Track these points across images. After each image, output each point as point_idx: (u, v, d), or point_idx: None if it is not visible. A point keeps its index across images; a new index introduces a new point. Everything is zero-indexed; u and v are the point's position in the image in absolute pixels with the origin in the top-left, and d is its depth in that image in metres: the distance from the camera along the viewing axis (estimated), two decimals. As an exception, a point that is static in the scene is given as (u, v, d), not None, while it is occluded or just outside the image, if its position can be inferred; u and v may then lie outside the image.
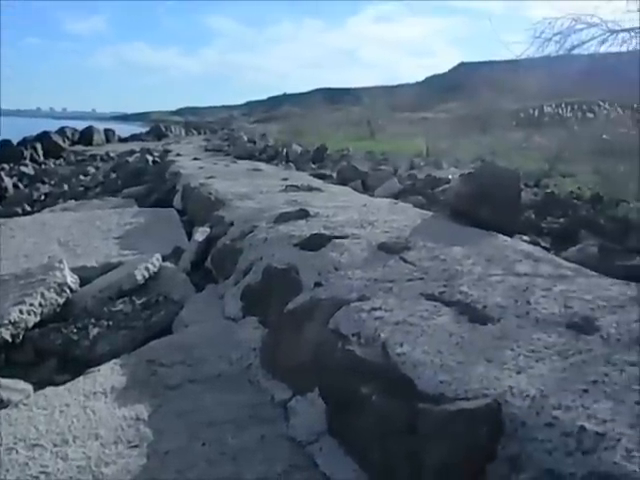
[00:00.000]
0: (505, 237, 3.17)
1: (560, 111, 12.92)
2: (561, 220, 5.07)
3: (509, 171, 4.28)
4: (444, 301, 2.12)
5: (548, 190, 6.56)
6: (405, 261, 2.64)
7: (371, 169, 8.55)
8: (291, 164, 9.64)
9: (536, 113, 14.00)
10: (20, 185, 11.87)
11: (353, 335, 1.93)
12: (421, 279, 2.38)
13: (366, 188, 7.07)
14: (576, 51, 6.47)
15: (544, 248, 3.42)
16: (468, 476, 1.38)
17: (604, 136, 7.21)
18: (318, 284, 2.47)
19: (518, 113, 15.61)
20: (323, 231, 3.13)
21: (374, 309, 2.05)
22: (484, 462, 1.38)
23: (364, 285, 2.34)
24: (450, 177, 7.23)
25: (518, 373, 1.55)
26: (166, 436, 1.91)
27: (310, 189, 5.50)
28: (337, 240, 2.94)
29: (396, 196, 5.97)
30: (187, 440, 1.89)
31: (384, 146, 14.17)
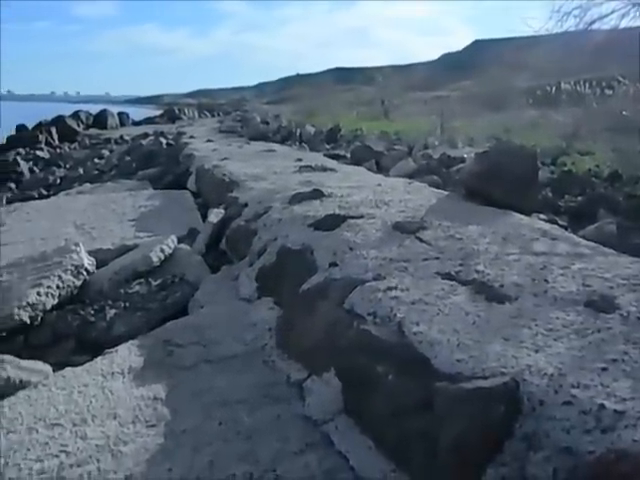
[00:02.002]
0: (521, 216, 3.13)
1: (578, 88, 12.66)
2: (578, 198, 5.00)
3: (525, 149, 4.22)
4: (460, 280, 2.10)
5: (565, 168, 6.47)
6: (421, 240, 2.62)
7: (385, 149, 8.49)
8: (305, 145, 9.60)
9: (553, 90, 13.74)
10: (36, 169, 11.94)
11: (369, 315, 1.92)
12: (437, 258, 2.36)
13: (380, 168, 7.03)
14: (596, 25, 6.31)
15: (561, 226, 3.38)
16: (484, 454, 1.38)
17: (624, 112, 7.07)
18: (333, 264, 2.46)
19: (534, 90, 15.35)
20: (338, 211, 3.11)
21: (390, 289, 2.04)
22: (501, 440, 1.37)
23: (379, 265, 2.32)
24: (465, 156, 7.16)
25: (536, 352, 1.54)
26: (182, 415, 1.93)
27: (324, 169, 5.46)
28: (352, 220, 2.92)
29: (410, 176, 5.92)
30: (203, 419, 1.91)
31: (398, 126, 14.04)
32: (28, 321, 2.94)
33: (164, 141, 10.83)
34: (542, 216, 4.07)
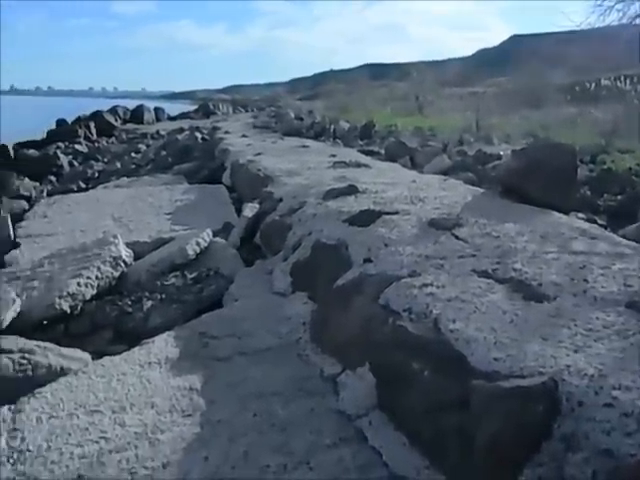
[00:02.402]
0: (559, 214, 3.07)
1: (618, 84, 12.34)
2: (618, 197, 4.89)
3: (564, 146, 4.12)
4: (497, 278, 2.07)
5: (604, 166, 6.32)
6: (456, 238, 2.60)
7: (419, 145, 8.43)
8: (338, 141, 9.59)
9: (592, 87, 13.43)
10: (75, 163, 12.19)
11: (404, 311, 1.92)
12: (473, 256, 2.34)
13: (414, 164, 6.98)
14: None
15: (600, 226, 3.31)
16: (521, 454, 1.36)
17: (667, 109, 6.87)
18: (368, 260, 2.46)
19: (573, 87, 15.02)
20: (372, 207, 3.11)
21: (425, 285, 2.03)
22: (538, 440, 1.36)
23: (415, 261, 2.32)
24: (501, 153, 7.06)
25: (575, 352, 1.51)
26: (218, 406, 1.96)
27: (358, 165, 5.46)
28: (387, 216, 2.92)
29: (445, 172, 5.87)
30: (238, 410, 1.93)
31: (432, 122, 13.90)
32: (68, 310, 3.01)
33: (199, 136, 10.95)
34: (581, 215, 3.99)
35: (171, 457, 1.69)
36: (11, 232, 4.46)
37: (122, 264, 3.37)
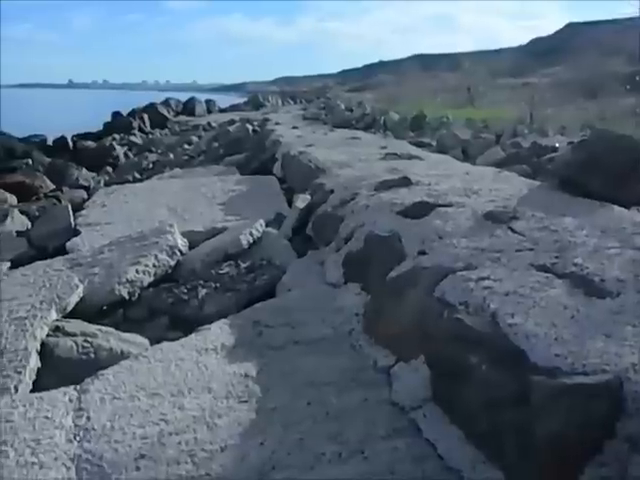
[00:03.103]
0: (621, 209, 2.97)
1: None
2: (684, 191, 4.68)
3: (625, 138, 3.97)
4: (556, 273, 2.03)
5: (669, 159, 6.05)
6: (513, 231, 2.55)
7: (472, 137, 8.28)
8: (389, 132, 9.52)
9: (655, 76, 12.87)
10: (130, 154, 12.55)
11: (460, 304, 1.90)
12: (531, 250, 2.29)
13: (467, 156, 6.87)
14: None
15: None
16: (583, 453, 1.34)
17: None
18: (422, 252, 2.44)
19: (632, 76, 14.43)
20: (426, 199, 3.08)
21: (482, 279, 2.00)
22: (601, 439, 1.33)
23: (470, 254, 2.29)
24: (557, 145, 6.87)
25: (641, 350, 1.47)
26: (272, 394, 1.99)
27: (410, 157, 5.41)
28: (441, 208, 2.89)
29: (499, 165, 5.75)
30: (292, 398, 1.96)
31: (484, 113, 13.62)
32: (127, 297, 3.11)
33: (250, 128, 11.06)
34: (643, 209, 3.85)
35: (228, 441, 1.74)
36: (72, 220, 4.63)
37: (178, 253, 3.46)
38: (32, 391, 2.22)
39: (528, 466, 1.41)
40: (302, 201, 4.16)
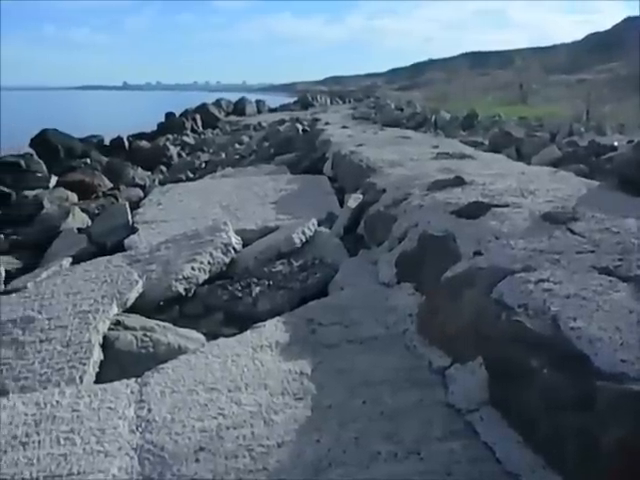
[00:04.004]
0: (688, 210, 2.85)
1: None
2: None
3: (693, 136, 3.82)
4: (620, 276, 1.96)
5: None
6: (572, 232, 2.48)
7: (526, 136, 8.11)
8: (440, 131, 9.42)
9: None
10: (183, 153, 12.84)
11: (519, 306, 1.86)
12: (592, 252, 2.23)
13: (521, 156, 6.74)
14: None
15: None
16: (651, 461, 1.30)
17: None
18: (478, 253, 2.41)
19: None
20: (481, 199, 3.04)
21: (541, 280, 1.96)
22: (671, 449, 1.28)
23: (528, 256, 2.24)
24: (615, 144, 6.66)
25: None
26: (327, 391, 2.01)
27: (462, 156, 5.34)
28: (497, 209, 2.84)
29: (554, 164, 5.62)
30: (347, 397, 1.97)
31: (538, 111, 13.32)
32: (183, 293, 3.19)
33: (300, 127, 11.13)
34: None
35: (285, 437, 1.76)
36: (129, 218, 4.77)
37: (232, 250, 3.52)
38: (95, 382, 2.30)
39: (591, 472, 1.38)
40: (354, 200, 4.16)
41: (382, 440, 1.74)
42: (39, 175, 9.57)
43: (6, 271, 4.32)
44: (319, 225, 3.92)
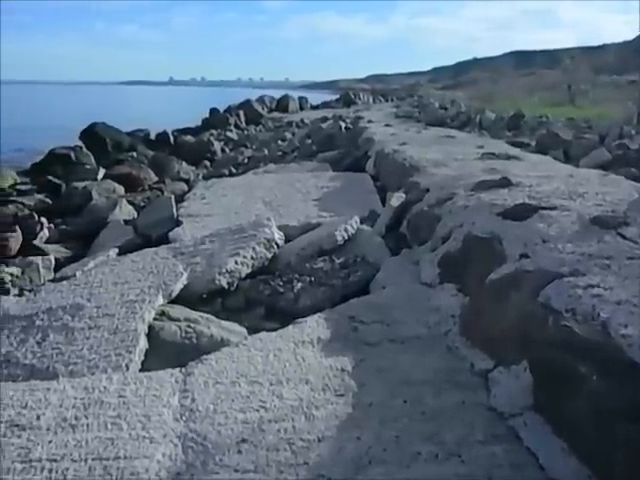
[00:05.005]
0: None
1: None
2: None
3: None
4: (674, 284, 1.90)
5: None
6: (623, 237, 2.42)
7: (574, 137, 7.91)
8: (484, 131, 9.28)
9: None
10: (226, 149, 13.00)
11: (567, 311, 1.83)
12: (644, 258, 2.16)
13: (568, 158, 6.58)
14: None
15: None
16: None
17: None
18: (524, 255, 2.37)
19: None
20: (528, 201, 2.98)
21: (591, 286, 1.92)
22: None
23: (577, 260, 2.19)
24: (670, 147, 6.43)
25: None
26: (368, 389, 2.01)
27: (508, 157, 5.26)
28: (544, 211, 2.78)
29: (604, 167, 5.47)
30: (388, 396, 1.96)
31: (586, 112, 12.96)
32: (226, 286, 3.23)
33: (343, 125, 11.14)
34: None
35: (325, 433, 1.77)
36: (175, 211, 4.87)
37: (275, 246, 3.55)
38: (140, 370, 2.36)
39: (641, 484, 1.34)
40: (397, 199, 4.14)
41: (423, 440, 1.73)
42: (88, 167, 9.85)
43: (56, 259, 4.47)
44: (361, 223, 3.91)
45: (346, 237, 3.63)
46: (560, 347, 1.69)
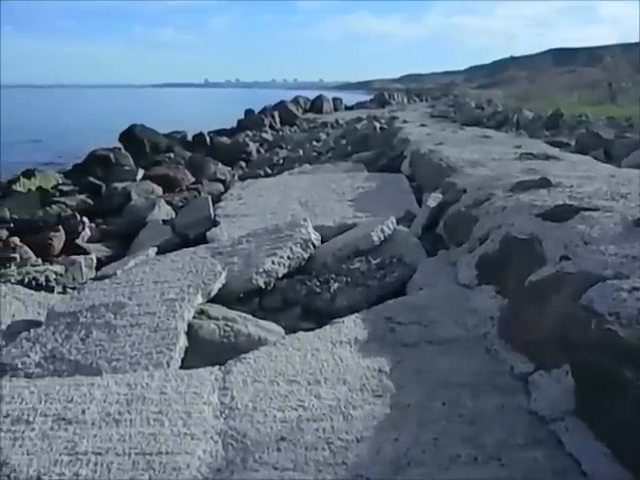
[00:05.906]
0: None
1: None
2: None
3: None
4: None
5: None
6: (669, 239, 2.36)
7: (615, 137, 7.73)
8: (522, 131, 9.13)
9: None
10: (261, 150, 13.11)
11: (610, 314, 1.79)
12: (692, 261, 2.11)
13: (609, 158, 6.43)
14: None
15: None
16: None
17: None
18: (565, 257, 2.33)
19: None
20: (568, 202, 2.93)
21: (635, 289, 1.87)
22: None
23: (620, 262, 2.15)
24: None
25: None
26: (406, 390, 2.00)
27: (547, 157, 5.17)
28: (585, 212, 2.73)
29: (647, 167, 5.33)
30: (426, 397, 1.96)
31: (628, 111, 12.63)
32: (263, 286, 3.26)
33: (377, 125, 11.11)
34: None
35: (363, 433, 1.77)
36: (212, 211, 4.94)
37: (311, 246, 3.57)
38: (180, 368, 2.41)
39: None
40: (433, 200, 4.12)
41: (462, 443, 1.72)
42: (127, 168, 10.06)
43: (97, 258, 4.59)
44: (397, 224, 3.90)
45: (382, 238, 3.62)
46: (604, 351, 1.66)
